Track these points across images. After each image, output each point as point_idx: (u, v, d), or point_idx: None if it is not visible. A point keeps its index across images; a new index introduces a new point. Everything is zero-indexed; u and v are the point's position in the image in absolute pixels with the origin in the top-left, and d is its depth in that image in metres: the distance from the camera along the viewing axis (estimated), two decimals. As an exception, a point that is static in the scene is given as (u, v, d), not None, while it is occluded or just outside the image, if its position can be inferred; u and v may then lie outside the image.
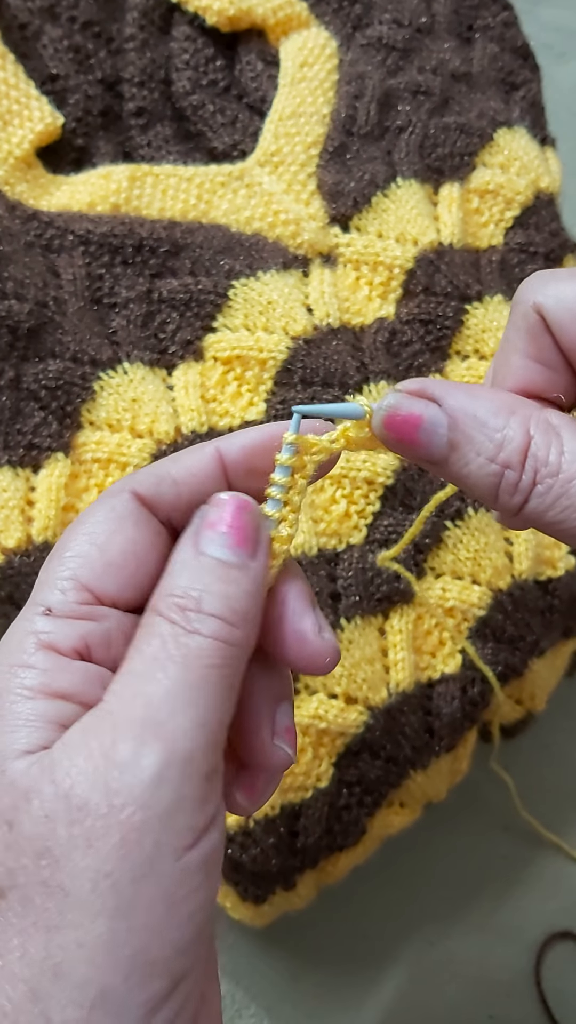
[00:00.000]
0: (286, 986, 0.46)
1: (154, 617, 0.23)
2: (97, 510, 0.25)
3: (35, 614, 0.23)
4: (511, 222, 0.50)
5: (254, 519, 0.25)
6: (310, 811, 0.39)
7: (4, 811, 0.21)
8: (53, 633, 0.23)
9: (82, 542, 0.24)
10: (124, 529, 0.24)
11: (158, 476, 0.25)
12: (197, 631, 0.22)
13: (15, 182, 0.44)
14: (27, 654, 0.23)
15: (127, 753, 0.20)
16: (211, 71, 0.49)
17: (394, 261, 0.46)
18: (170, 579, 0.24)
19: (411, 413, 0.24)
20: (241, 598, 0.24)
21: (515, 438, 0.23)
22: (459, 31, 0.54)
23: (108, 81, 0.49)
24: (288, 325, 0.43)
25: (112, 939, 0.19)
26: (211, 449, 0.26)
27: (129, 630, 0.24)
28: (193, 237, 0.44)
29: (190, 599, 0.23)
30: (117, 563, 0.24)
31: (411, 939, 0.48)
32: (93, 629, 0.23)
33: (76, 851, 0.20)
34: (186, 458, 0.26)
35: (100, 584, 0.24)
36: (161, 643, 0.22)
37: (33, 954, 0.19)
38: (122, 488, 0.25)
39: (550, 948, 0.48)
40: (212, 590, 0.23)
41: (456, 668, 0.42)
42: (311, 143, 0.48)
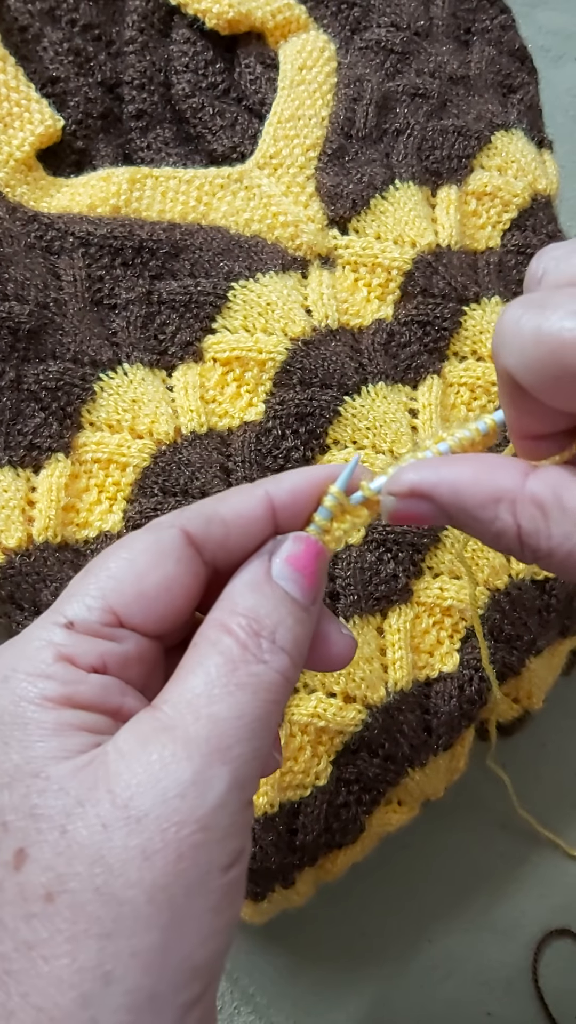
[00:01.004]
0: (285, 983, 0.46)
1: (220, 633, 0.23)
2: (142, 538, 0.25)
3: (55, 624, 0.24)
4: (508, 224, 0.50)
5: (324, 567, 0.26)
6: (309, 809, 0.39)
7: (55, 816, 0.21)
8: (72, 647, 0.23)
9: (121, 565, 0.24)
10: (165, 564, 0.25)
11: (208, 516, 0.26)
12: (267, 663, 0.23)
13: (16, 184, 0.45)
14: (45, 664, 0.23)
15: (193, 773, 0.21)
16: (211, 74, 0.49)
17: (392, 263, 0.46)
18: (239, 597, 0.24)
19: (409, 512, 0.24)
20: (305, 641, 0.25)
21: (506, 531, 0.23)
22: (457, 34, 0.54)
23: (108, 84, 0.49)
24: (287, 326, 0.44)
25: (164, 948, 0.20)
26: (261, 491, 0.26)
27: (147, 654, 0.24)
28: (193, 239, 0.45)
29: (264, 627, 0.23)
30: (150, 595, 0.24)
31: (409, 936, 0.48)
32: (112, 649, 0.24)
33: (132, 862, 0.20)
34: (235, 498, 0.26)
35: (127, 611, 0.24)
36: (230, 666, 0.22)
37: (83, 961, 0.20)
38: (172, 523, 0.25)
39: (547, 945, 0.49)
40: (287, 624, 0.24)
41: (454, 667, 0.42)
42: (310, 146, 0.48)
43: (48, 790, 0.21)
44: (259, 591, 0.24)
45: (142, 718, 0.22)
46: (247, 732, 0.22)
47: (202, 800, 0.21)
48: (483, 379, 0.46)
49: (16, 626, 0.40)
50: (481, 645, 0.37)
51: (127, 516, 0.41)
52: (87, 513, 0.41)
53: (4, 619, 0.40)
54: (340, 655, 0.27)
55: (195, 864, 0.20)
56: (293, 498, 0.26)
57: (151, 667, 0.25)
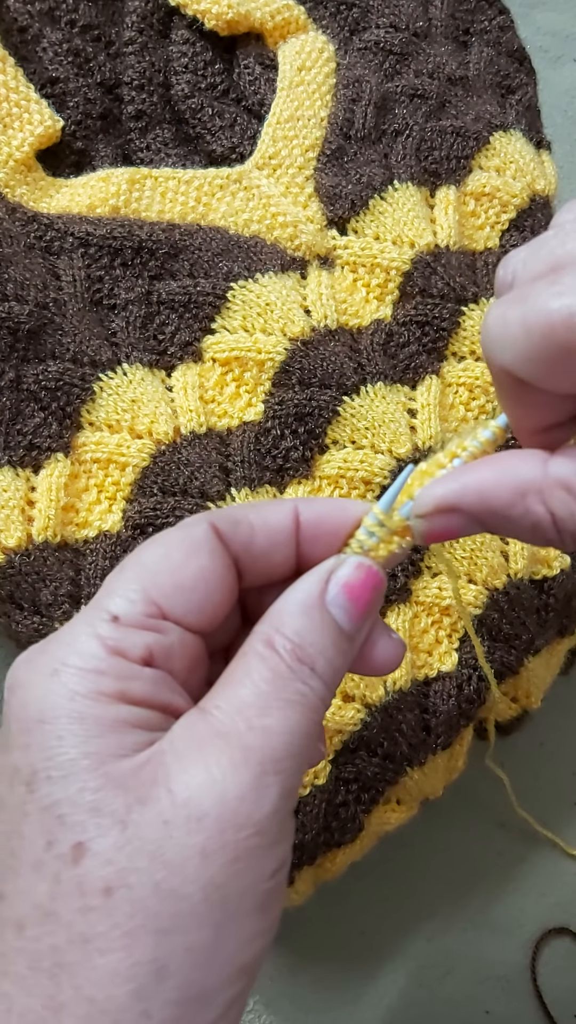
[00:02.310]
0: (284, 981, 0.46)
1: (268, 650, 0.24)
2: (174, 533, 0.26)
3: (100, 619, 0.24)
4: (507, 224, 0.50)
5: (379, 598, 0.26)
6: (308, 808, 0.40)
7: (118, 811, 0.21)
8: (121, 640, 0.23)
9: (156, 559, 0.25)
10: (199, 556, 0.25)
11: (237, 519, 0.26)
12: (310, 687, 0.24)
13: (15, 185, 0.45)
14: (99, 659, 0.23)
15: (252, 779, 0.22)
16: (210, 75, 0.49)
17: (391, 263, 0.47)
18: (288, 616, 0.25)
19: (443, 529, 0.25)
20: (342, 671, 0.25)
21: (541, 521, 0.23)
22: (455, 35, 0.54)
23: (107, 84, 0.49)
24: (286, 327, 0.44)
25: (216, 945, 0.21)
26: (291, 506, 0.27)
27: (190, 648, 0.25)
28: (192, 239, 0.45)
29: (306, 655, 0.24)
30: (187, 586, 0.25)
31: (408, 935, 0.48)
32: (159, 640, 0.24)
33: (191, 859, 0.21)
34: (266, 508, 0.27)
35: (168, 602, 0.24)
36: (280, 682, 0.23)
37: (140, 955, 0.20)
38: (201, 519, 0.26)
39: (546, 944, 0.49)
40: (326, 655, 0.24)
41: (453, 666, 0.42)
42: (309, 146, 0.48)
43: (107, 786, 0.21)
44: (308, 616, 0.24)
45: (194, 720, 0.23)
46: (295, 747, 0.23)
47: (259, 806, 0.21)
48: (482, 379, 0.46)
49: (16, 626, 0.40)
50: (475, 642, 0.37)
51: (126, 516, 0.41)
52: (87, 513, 0.41)
53: (4, 619, 0.40)
54: (389, 661, 0.27)
55: (249, 866, 0.21)
56: (318, 520, 0.27)
57: (194, 663, 0.25)
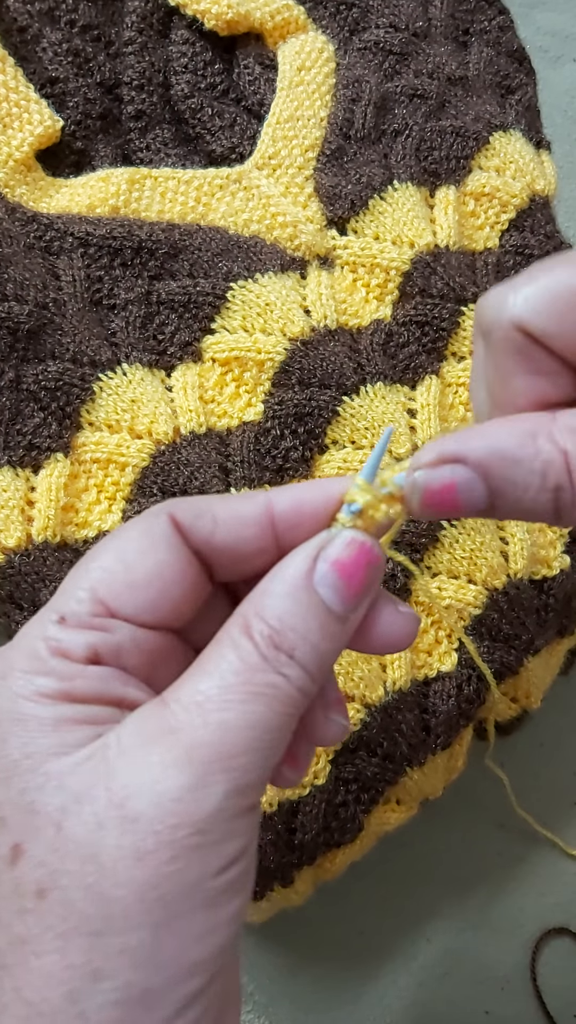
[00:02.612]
0: (284, 982, 0.46)
1: (243, 636, 0.23)
2: (131, 528, 0.25)
3: (49, 620, 0.23)
4: (506, 225, 0.50)
5: (375, 576, 0.24)
6: (308, 808, 0.40)
7: (52, 812, 0.21)
8: (65, 641, 0.23)
9: (110, 556, 0.24)
10: (156, 551, 0.24)
11: (199, 509, 0.25)
12: (285, 676, 0.22)
13: (15, 185, 0.45)
14: (41, 660, 0.23)
15: (193, 779, 0.21)
16: (209, 75, 0.49)
17: (391, 263, 0.47)
18: (270, 598, 0.23)
19: (443, 483, 0.23)
20: (332, 656, 0.23)
21: (553, 460, 0.22)
22: (455, 35, 0.54)
23: (107, 84, 0.49)
24: (286, 327, 0.44)
25: (155, 945, 0.20)
26: (263, 498, 0.25)
27: (142, 643, 0.24)
28: (192, 239, 0.45)
29: (286, 639, 0.22)
30: (141, 583, 0.24)
31: (408, 935, 0.48)
32: (104, 639, 0.23)
33: (124, 861, 0.20)
34: (236, 501, 0.25)
35: (117, 601, 0.24)
36: (247, 673, 0.22)
37: (72, 958, 0.20)
38: (161, 511, 0.25)
39: (545, 944, 0.49)
40: (311, 640, 0.23)
41: (452, 666, 0.42)
42: (308, 146, 0.48)
43: (46, 786, 0.21)
44: (293, 597, 0.23)
45: (148, 713, 0.22)
46: (256, 742, 0.22)
47: (198, 806, 0.21)
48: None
49: (15, 626, 0.40)
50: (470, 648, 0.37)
51: (126, 516, 0.41)
52: (86, 513, 0.41)
53: (3, 619, 0.40)
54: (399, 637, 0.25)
55: (189, 866, 0.20)
56: (296, 507, 0.25)
57: (157, 657, 0.24)
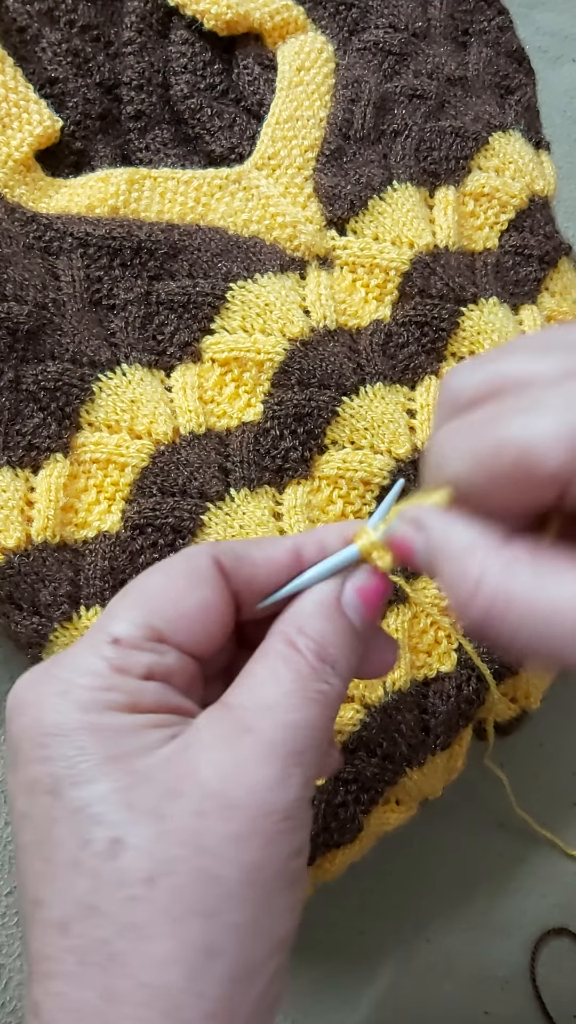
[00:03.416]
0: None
1: (289, 650, 0.26)
2: (178, 563, 0.27)
3: (103, 642, 0.25)
4: (506, 225, 0.50)
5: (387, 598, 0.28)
6: (307, 808, 0.40)
7: (150, 805, 0.22)
8: (123, 660, 0.25)
9: (160, 586, 0.26)
10: (201, 588, 0.26)
11: (240, 556, 0.27)
12: (331, 684, 0.26)
13: (14, 185, 0.45)
14: (104, 677, 0.24)
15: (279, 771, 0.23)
16: (209, 75, 0.49)
17: (390, 264, 0.47)
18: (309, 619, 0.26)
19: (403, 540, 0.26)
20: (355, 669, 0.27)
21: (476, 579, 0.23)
22: (455, 35, 0.54)
23: (107, 85, 0.49)
24: (285, 327, 0.44)
25: (257, 922, 0.22)
26: (290, 544, 0.28)
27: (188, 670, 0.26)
28: (191, 240, 0.45)
29: (328, 655, 0.26)
30: (189, 616, 0.26)
31: (407, 935, 0.48)
32: (158, 660, 0.25)
33: (228, 845, 0.22)
34: (268, 547, 0.28)
35: (169, 628, 0.26)
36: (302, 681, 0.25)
37: (188, 938, 0.21)
38: (206, 552, 0.27)
39: (545, 944, 0.49)
40: (344, 655, 0.26)
41: (452, 666, 0.42)
42: (308, 147, 0.48)
43: (137, 783, 0.23)
44: (329, 618, 0.26)
45: (219, 716, 0.24)
46: (315, 740, 0.24)
47: (285, 794, 0.23)
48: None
49: (15, 626, 0.40)
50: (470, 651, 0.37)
51: (126, 516, 0.41)
52: (86, 513, 0.41)
53: (3, 619, 0.40)
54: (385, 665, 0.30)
55: (279, 848, 0.23)
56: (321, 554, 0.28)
57: (191, 685, 0.27)
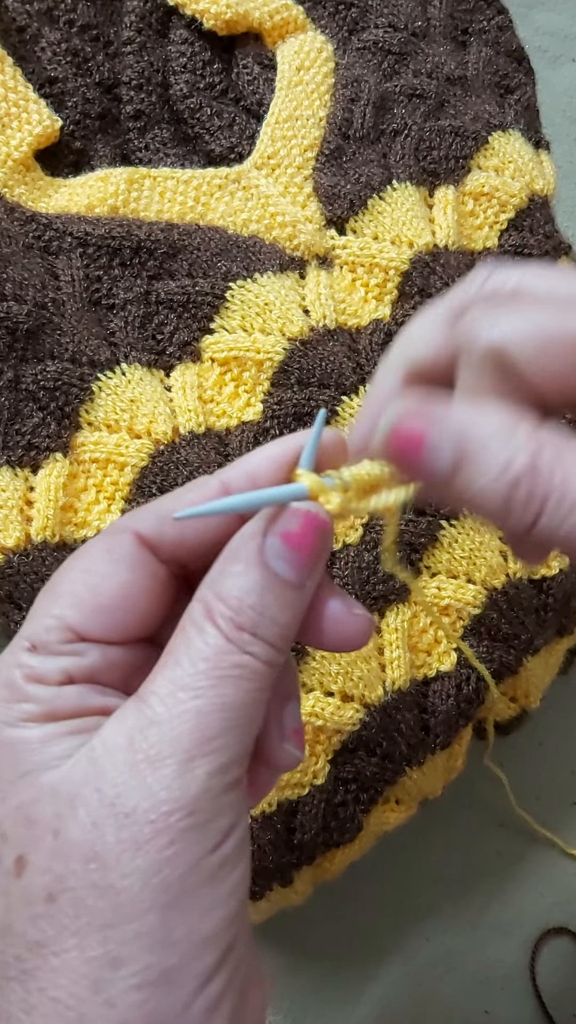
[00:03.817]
0: (284, 981, 0.46)
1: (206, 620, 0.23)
2: (95, 548, 0.25)
3: (21, 648, 0.24)
4: (506, 224, 0.50)
5: (326, 540, 0.24)
6: (307, 808, 0.40)
7: (49, 819, 0.22)
8: (38, 668, 0.24)
9: (75, 581, 0.25)
10: (119, 572, 0.25)
11: (160, 515, 0.25)
12: (252, 654, 0.23)
13: (14, 184, 0.45)
14: (18, 688, 0.24)
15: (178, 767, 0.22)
16: (208, 74, 0.49)
17: (390, 263, 0.47)
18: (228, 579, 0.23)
19: (413, 429, 0.22)
20: (293, 624, 0.24)
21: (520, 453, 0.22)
22: (454, 35, 0.54)
23: (106, 84, 0.49)
24: (285, 327, 0.44)
25: (165, 926, 0.21)
26: (215, 483, 0.25)
27: (114, 659, 0.25)
28: (191, 239, 0.45)
29: (247, 618, 0.23)
30: (107, 607, 0.24)
31: (407, 935, 0.48)
32: (76, 663, 0.24)
33: (125, 854, 0.21)
34: (188, 495, 0.25)
35: (86, 626, 0.24)
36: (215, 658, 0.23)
37: (91, 951, 0.21)
38: (123, 528, 0.25)
39: (545, 943, 0.49)
40: (270, 614, 0.23)
41: (451, 666, 0.42)
42: (307, 146, 0.48)
43: (40, 797, 0.22)
44: (247, 575, 0.23)
45: (128, 711, 0.23)
46: (230, 722, 0.22)
47: (186, 791, 0.21)
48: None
49: (14, 626, 0.40)
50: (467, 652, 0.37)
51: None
52: (85, 513, 0.41)
53: (2, 619, 0.40)
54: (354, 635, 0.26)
55: (186, 847, 0.21)
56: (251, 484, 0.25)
57: (132, 670, 0.25)
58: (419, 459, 0.23)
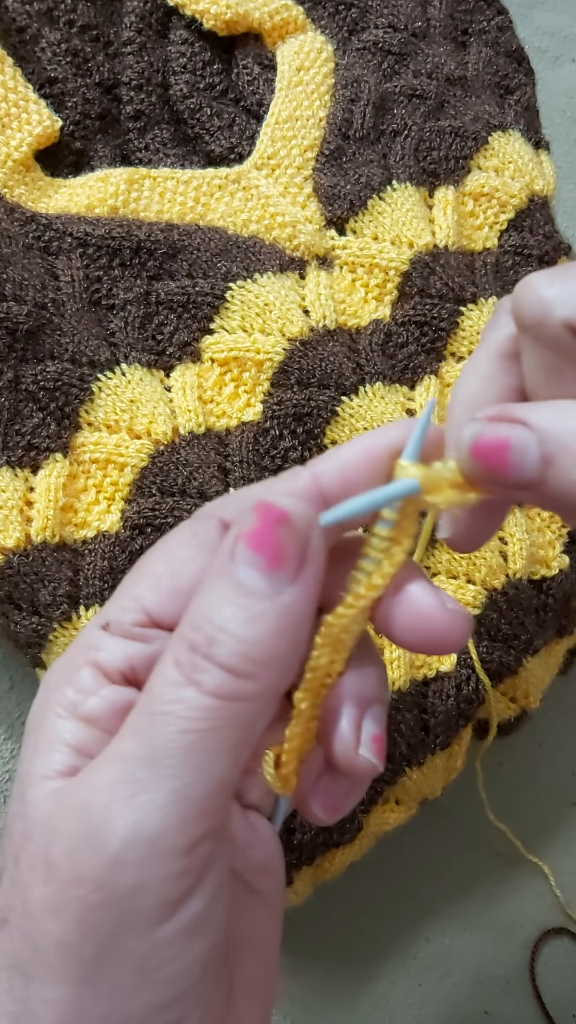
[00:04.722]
0: (283, 982, 0.46)
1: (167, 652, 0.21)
2: (180, 533, 0.24)
3: (96, 626, 0.23)
4: (505, 225, 0.50)
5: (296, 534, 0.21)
6: (307, 808, 0.40)
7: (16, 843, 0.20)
8: (103, 651, 0.22)
9: (157, 563, 0.23)
10: (200, 557, 0.23)
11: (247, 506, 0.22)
12: (197, 683, 0.19)
13: (14, 185, 0.45)
14: (74, 670, 0.22)
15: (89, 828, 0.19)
16: (208, 75, 0.49)
17: (390, 263, 0.47)
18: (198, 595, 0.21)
19: (497, 436, 0.20)
20: (263, 640, 0.20)
21: None
22: (454, 35, 0.54)
23: (106, 84, 0.49)
24: (285, 327, 0.44)
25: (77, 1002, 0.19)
26: (306, 475, 0.23)
27: None
28: (191, 239, 0.45)
29: (202, 638, 0.20)
30: (184, 590, 0.22)
31: (407, 935, 0.48)
32: (140, 650, 0.22)
33: (45, 912, 0.19)
34: (278, 485, 0.23)
35: (161, 609, 0.23)
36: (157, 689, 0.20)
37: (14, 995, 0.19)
38: (211, 514, 0.24)
39: (545, 944, 0.49)
40: (228, 629, 0.20)
41: (451, 666, 0.42)
42: (307, 146, 0.48)
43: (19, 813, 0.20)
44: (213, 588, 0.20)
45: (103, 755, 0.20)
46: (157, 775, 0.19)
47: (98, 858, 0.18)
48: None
49: (14, 626, 0.40)
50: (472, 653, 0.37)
51: (125, 516, 0.41)
52: (85, 513, 0.41)
53: (2, 619, 0.40)
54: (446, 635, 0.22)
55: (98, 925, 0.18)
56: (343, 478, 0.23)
57: None
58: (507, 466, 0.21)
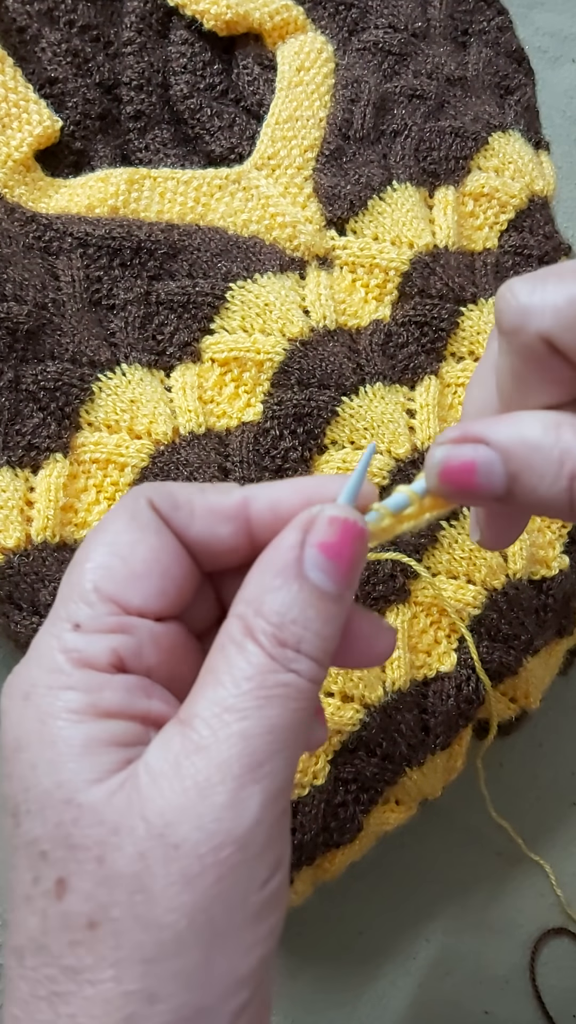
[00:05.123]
0: (283, 982, 0.46)
1: (244, 638, 0.22)
2: (116, 518, 0.24)
3: (63, 630, 0.23)
4: (505, 225, 0.50)
5: (363, 550, 0.24)
6: (307, 808, 0.40)
7: (92, 846, 0.21)
8: (85, 650, 0.22)
9: (103, 552, 0.24)
10: (146, 539, 0.24)
11: (176, 500, 0.25)
12: (296, 672, 0.22)
13: (14, 185, 0.45)
14: (64, 674, 0.22)
15: (228, 797, 0.21)
16: (209, 75, 0.49)
17: (390, 264, 0.47)
18: (266, 595, 0.23)
19: (463, 460, 0.23)
20: (335, 637, 0.23)
21: (572, 449, 0.22)
22: (454, 35, 0.54)
23: (106, 85, 0.49)
24: (285, 327, 0.44)
25: (207, 965, 0.20)
26: (239, 496, 0.25)
27: (159, 638, 0.24)
28: (191, 239, 0.45)
29: (290, 634, 0.22)
30: (141, 573, 0.23)
31: (407, 935, 0.48)
32: (124, 642, 0.23)
33: (173, 887, 0.20)
34: (213, 495, 0.25)
35: (125, 595, 0.23)
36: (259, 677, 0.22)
37: (128, 984, 0.20)
38: (139, 494, 0.24)
39: (545, 944, 0.49)
40: (313, 628, 0.22)
41: (451, 666, 0.42)
42: (308, 147, 0.48)
43: (82, 819, 0.21)
44: (287, 589, 0.22)
45: (172, 735, 0.22)
46: (278, 744, 0.21)
47: (238, 822, 0.21)
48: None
49: (15, 626, 0.40)
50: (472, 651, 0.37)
51: (125, 516, 0.41)
52: (85, 513, 0.41)
53: (2, 619, 0.40)
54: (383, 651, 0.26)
55: (234, 883, 0.21)
56: (273, 509, 0.24)
57: (174, 655, 0.24)
58: (475, 486, 0.23)
